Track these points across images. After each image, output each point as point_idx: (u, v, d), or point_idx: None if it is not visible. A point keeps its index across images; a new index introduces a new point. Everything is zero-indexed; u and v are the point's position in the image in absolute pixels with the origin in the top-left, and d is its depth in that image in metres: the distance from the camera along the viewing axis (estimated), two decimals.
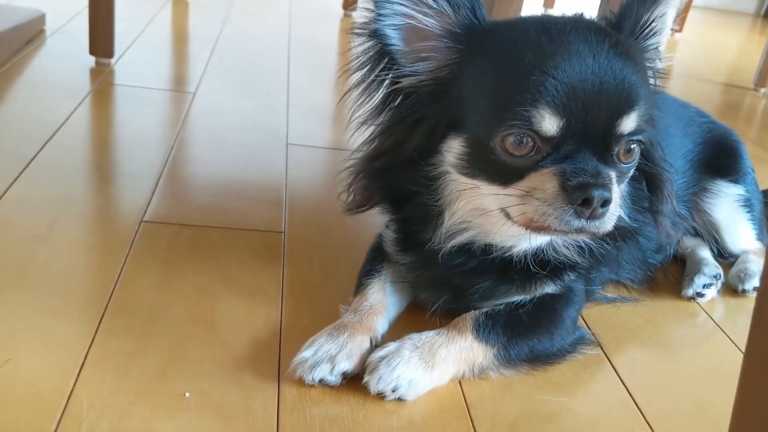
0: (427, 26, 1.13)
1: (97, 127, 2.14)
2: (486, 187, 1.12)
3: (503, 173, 1.09)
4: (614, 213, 1.10)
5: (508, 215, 1.11)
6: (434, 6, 1.12)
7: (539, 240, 1.20)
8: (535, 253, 1.22)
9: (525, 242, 1.20)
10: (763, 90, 3.59)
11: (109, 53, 2.57)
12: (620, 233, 1.23)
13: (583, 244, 1.23)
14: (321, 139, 2.22)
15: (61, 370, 1.10)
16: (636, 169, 1.22)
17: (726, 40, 5.24)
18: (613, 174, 1.09)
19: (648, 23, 1.20)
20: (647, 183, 1.26)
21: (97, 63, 2.55)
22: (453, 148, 1.14)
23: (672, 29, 1.31)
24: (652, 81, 1.24)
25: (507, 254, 1.21)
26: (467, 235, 1.21)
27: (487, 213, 1.15)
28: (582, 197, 1.04)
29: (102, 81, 2.43)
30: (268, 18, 3.80)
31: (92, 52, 2.55)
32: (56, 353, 1.13)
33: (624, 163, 1.13)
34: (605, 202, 1.05)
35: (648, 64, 1.22)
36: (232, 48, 3.05)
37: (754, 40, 5.39)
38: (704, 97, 3.41)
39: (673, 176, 1.29)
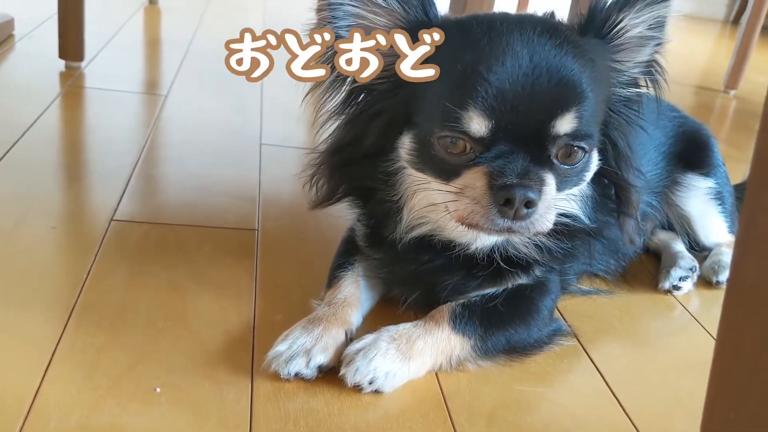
0: (379, 25, 1.12)
1: (67, 129, 2.11)
2: (433, 182, 1.13)
3: (443, 170, 1.11)
4: (545, 214, 1.09)
5: (447, 210, 1.12)
6: (383, 5, 1.11)
7: (491, 237, 1.19)
8: (496, 249, 1.21)
9: (483, 239, 1.20)
10: (733, 92, 3.65)
11: (79, 57, 2.53)
12: (577, 232, 1.23)
13: (539, 243, 1.22)
14: (295, 139, 2.20)
15: (27, 367, 1.07)
16: (602, 176, 1.22)
17: (696, 45, 5.31)
18: (548, 175, 1.08)
19: (617, 24, 1.17)
20: (615, 190, 1.26)
21: (67, 66, 2.51)
22: (405, 144, 1.15)
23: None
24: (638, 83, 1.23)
25: (469, 251, 1.21)
26: (425, 229, 1.21)
27: (437, 208, 1.15)
28: (504, 197, 1.04)
29: (72, 84, 2.39)
30: (242, 23, 3.77)
31: (62, 55, 2.51)
32: (23, 350, 1.11)
33: (565, 165, 1.12)
34: (529, 203, 1.05)
35: (613, 65, 1.20)
36: (205, 52, 3.02)
37: (723, 45, 5.48)
38: (677, 98, 3.43)
39: (641, 187, 1.28)
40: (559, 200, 1.13)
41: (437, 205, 1.15)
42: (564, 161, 1.11)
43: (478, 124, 1.05)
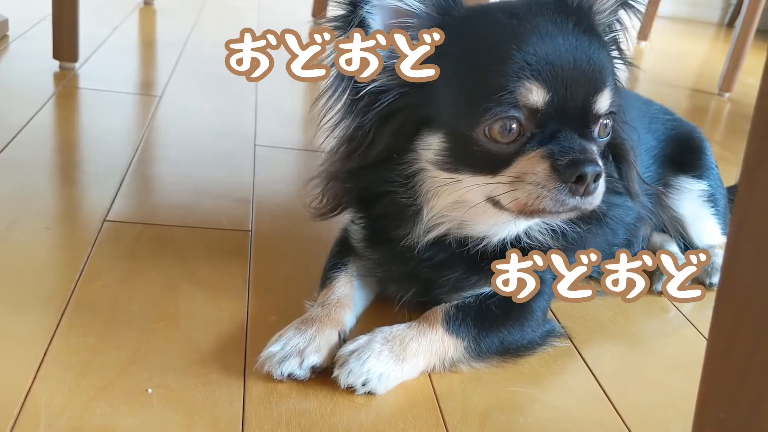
0: (412, 8, 1.11)
1: (61, 129, 2.11)
2: (471, 179, 1.11)
3: (490, 162, 1.09)
4: (603, 187, 1.10)
5: (497, 204, 1.10)
6: None
7: (521, 226, 1.20)
8: (516, 239, 1.21)
9: (506, 230, 1.19)
10: (727, 94, 3.66)
11: (74, 57, 2.52)
12: (591, 215, 1.23)
13: (556, 228, 1.23)
14: (289, 141, 2.21)
15: (19, 367, 1.06)
16: None
17: (691, 48, 5.33)
18: (595, 149, 1.10)
19: None
20: (612, 154, 1.27)
21: (61, 67, 2.51)
22: (432, 145, 1.13)
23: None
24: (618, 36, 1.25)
25: (482, 245, 1.20)
26: (444, 228, 1.20)
27: (472, 205, 1.14)
28: (576, 174, 1.04)
29: (66, 84, 2.39)
30: (237, 25, 3.77)
31: (56, 56, 2.51)
32: (14, 350, 1.10)
33: (601, 138, 1.14)
34: (597, 177, 1.06)
35: (597, 18, 1.21)
36: (200, 53, 3.02)
37: (718, 48, 5.48)
38: (671, 101, 3.45)
39: (636, 140, 1.30)
40: None
41: (471, 202, 1.13)
42: (601, 135, 1.13)
43: (537, 95, 1.04)
